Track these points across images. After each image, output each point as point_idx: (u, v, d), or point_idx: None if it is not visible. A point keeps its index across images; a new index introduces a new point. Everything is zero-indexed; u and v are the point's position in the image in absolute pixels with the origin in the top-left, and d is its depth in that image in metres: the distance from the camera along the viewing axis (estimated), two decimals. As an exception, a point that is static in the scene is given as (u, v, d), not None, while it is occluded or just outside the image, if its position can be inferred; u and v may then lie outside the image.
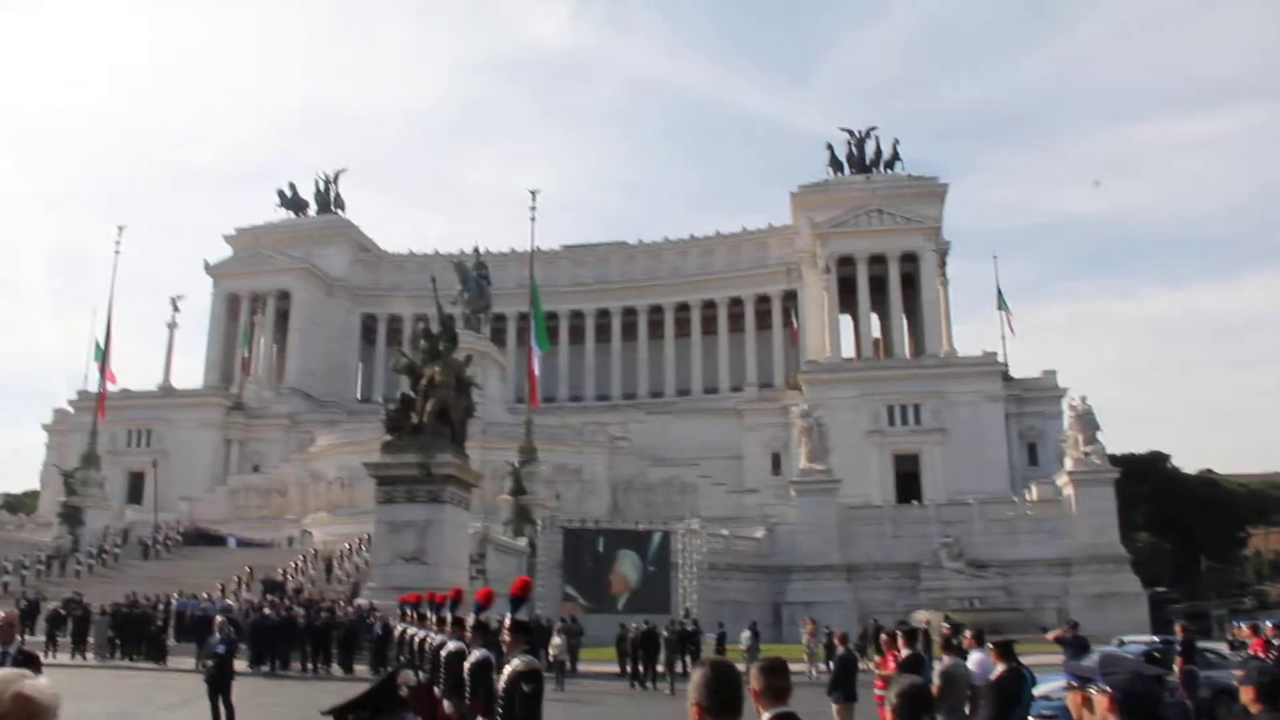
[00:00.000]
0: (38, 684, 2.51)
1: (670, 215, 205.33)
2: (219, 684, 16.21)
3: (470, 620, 13.05)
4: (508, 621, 9.39)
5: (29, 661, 9.70)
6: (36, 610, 34.62)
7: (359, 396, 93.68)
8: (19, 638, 11.59)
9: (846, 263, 79.77)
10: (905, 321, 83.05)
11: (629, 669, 29.10)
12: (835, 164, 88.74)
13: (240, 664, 18.52)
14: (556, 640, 27.46)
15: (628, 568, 43.23)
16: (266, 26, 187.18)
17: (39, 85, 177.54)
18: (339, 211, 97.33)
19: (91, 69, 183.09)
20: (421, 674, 13.87)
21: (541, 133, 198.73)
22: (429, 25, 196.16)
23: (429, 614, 19.47)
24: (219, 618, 19.40)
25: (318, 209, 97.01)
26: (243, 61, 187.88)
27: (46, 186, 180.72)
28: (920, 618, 38.85)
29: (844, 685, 14.70)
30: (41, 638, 31.96)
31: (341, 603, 33.21)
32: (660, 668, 28.22)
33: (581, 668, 30.06)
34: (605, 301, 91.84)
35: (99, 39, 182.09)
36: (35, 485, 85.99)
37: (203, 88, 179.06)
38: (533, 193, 56.06)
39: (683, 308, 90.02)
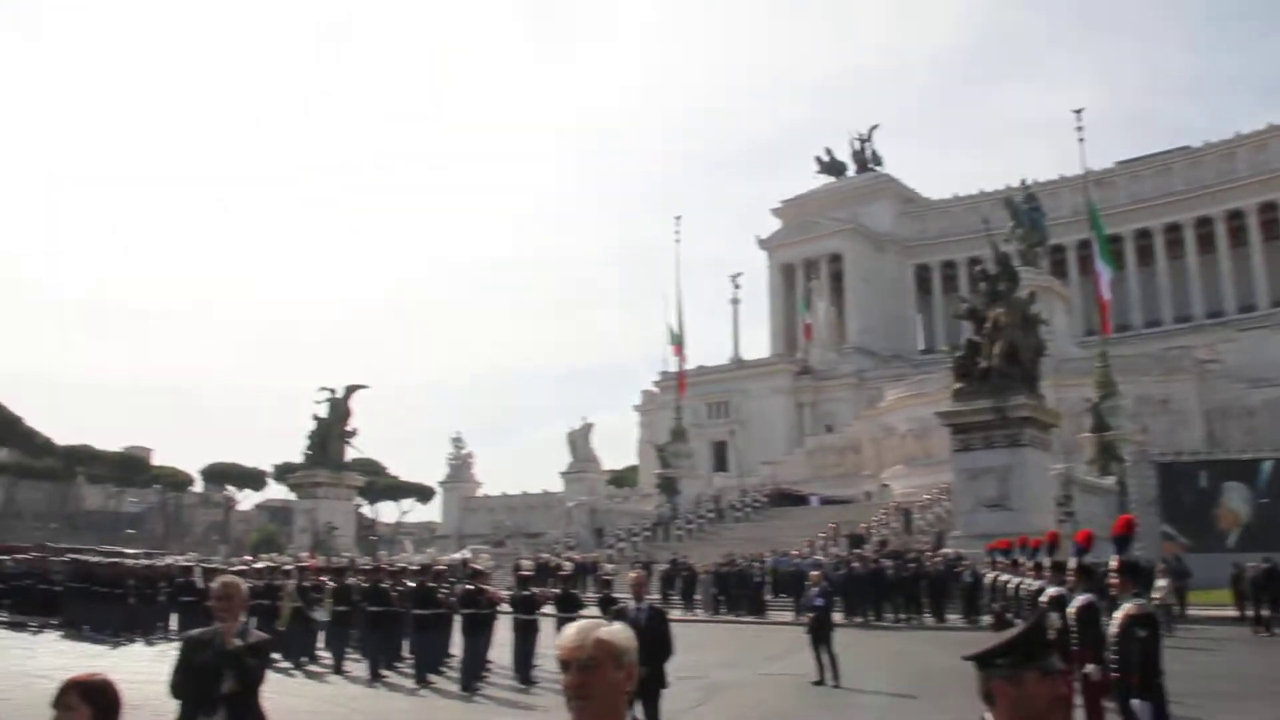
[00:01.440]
0: (614, 629, 2.70)
1: (1235, 111, 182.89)
2: (820, 635, 16.46)
3: (1071, 564, 12.10)
4: (1114, 563, 8.67)
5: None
6: (649, 572, 37.99)
7: (920, 348, 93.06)
8: (646, 596, 12.42)
9: None
10: None
11: (1248, 612, 26.02)
12: None
13: (836, 616, 18.75)
14: (1161, 583, 25.16)
15: (1235, 501, 38.85)
16: (777, 6, 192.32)
17: (577, 93, 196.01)
18: (877, 168, 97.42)
19: (623, 71, 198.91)
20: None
21: (1070, 49, 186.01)
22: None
23: (1021, 559, 18.64)
24: (813, 572, 19.79)
25: (856, 169, 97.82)
26: (760, 45, 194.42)
27: (603, 189, 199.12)
28: None
29: None
30: (657, 596, 34.92)
31: (927, 553, 32.91)
32: (1290, 610, 24.91)
33: (1191, 612, 27.35)
34: (1172, 214, 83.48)
35: (630, 43, 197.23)
36: (633, 461, 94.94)
37: (724, 75, 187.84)
38: (1076, 112, 52.33)
39: (1269, 208, 79.64)
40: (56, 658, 20.14)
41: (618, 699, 2.63)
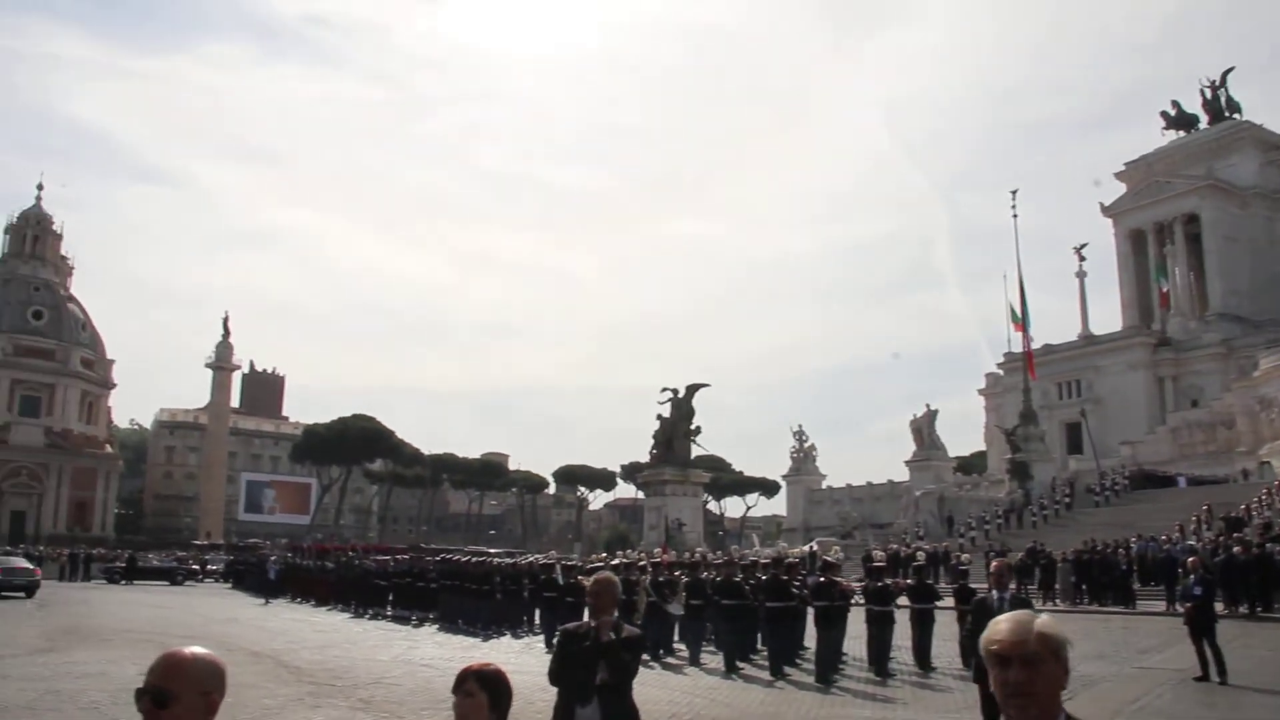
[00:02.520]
0: (1049, 620, 2.54)
1: None
2: (1201, 626, 15.33)
3: None
4: None
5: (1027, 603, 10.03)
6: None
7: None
8: (1011, 585, 12.11)
9: None
10: None
11: None
12: None
13: (1217, 606, 17.40)
14: None
15: None
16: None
17: (893, 74, 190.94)
18: (1234, 115, 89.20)
19: (939, 47, 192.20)
20: None
21: None
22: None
23: None
24: (1190, 559, 18.48)
25: (1209, 120, 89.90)
26: (1087, 4, 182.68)
27: (930, 166, 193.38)
28: None
29: None
30: (1013, 586, 33.68)
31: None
32: None
33: None
34: None
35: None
36: (980, 446, 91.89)
37: (1049, 39, 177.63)
38: None
39: None
40: (436, 648, 21.94)
41: (1057, 696, 2.47)
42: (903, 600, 18.34)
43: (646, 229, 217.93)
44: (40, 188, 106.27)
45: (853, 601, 18.15)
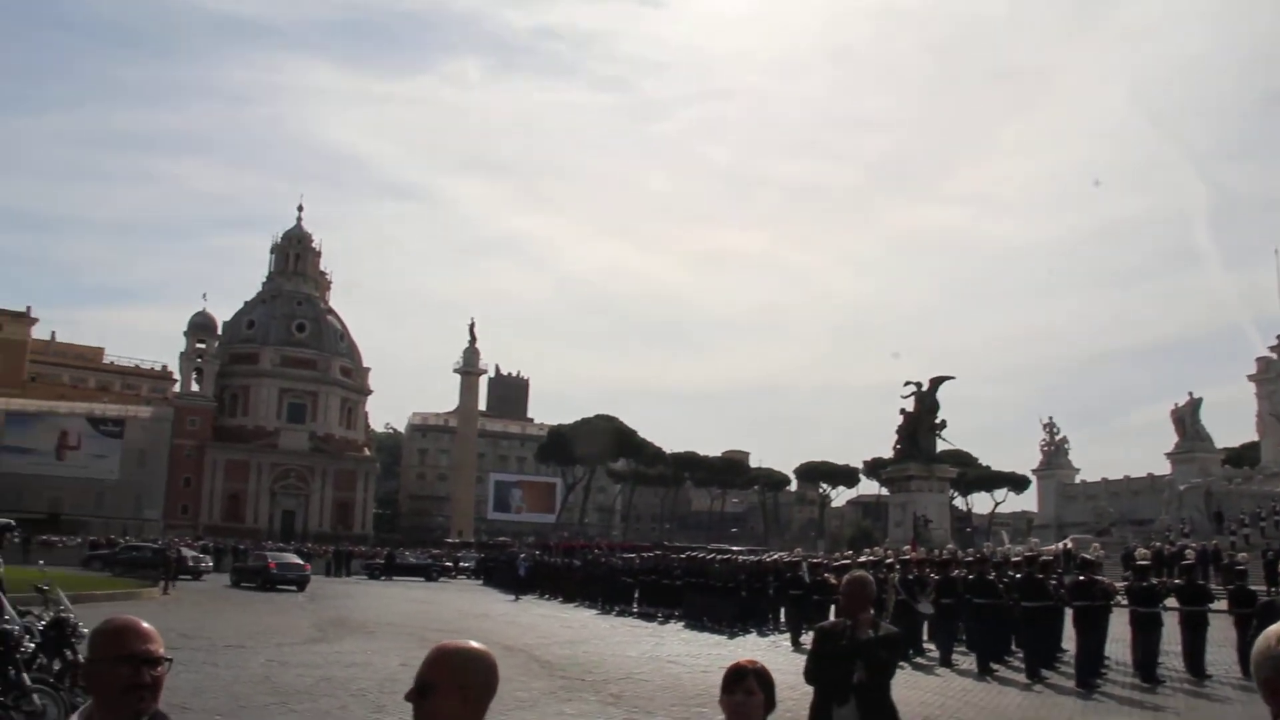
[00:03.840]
0: None
1: None
2: None
3: None
4: None
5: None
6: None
7: None
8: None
9: None
10: None
11: None
12: None
13: None
14: None
15: None
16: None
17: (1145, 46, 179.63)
18: None
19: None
20: None
21: None
22: None
23: None
24: None
25: None
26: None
27: (1186, 148, 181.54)
28: None
29: None
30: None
31: None
32: None
33: None
34: None
35: None
36: (1251, 436, 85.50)
37: None
38: None
39: None
40: (682, 645, 22.06)
41: None
42: (1169, 602, 17.21)
43: (883, 220, 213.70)
44: (300, 209, 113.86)
45: (1114, 602, 17.16)
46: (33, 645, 9.49)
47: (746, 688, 3.44)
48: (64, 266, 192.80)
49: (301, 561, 44.40)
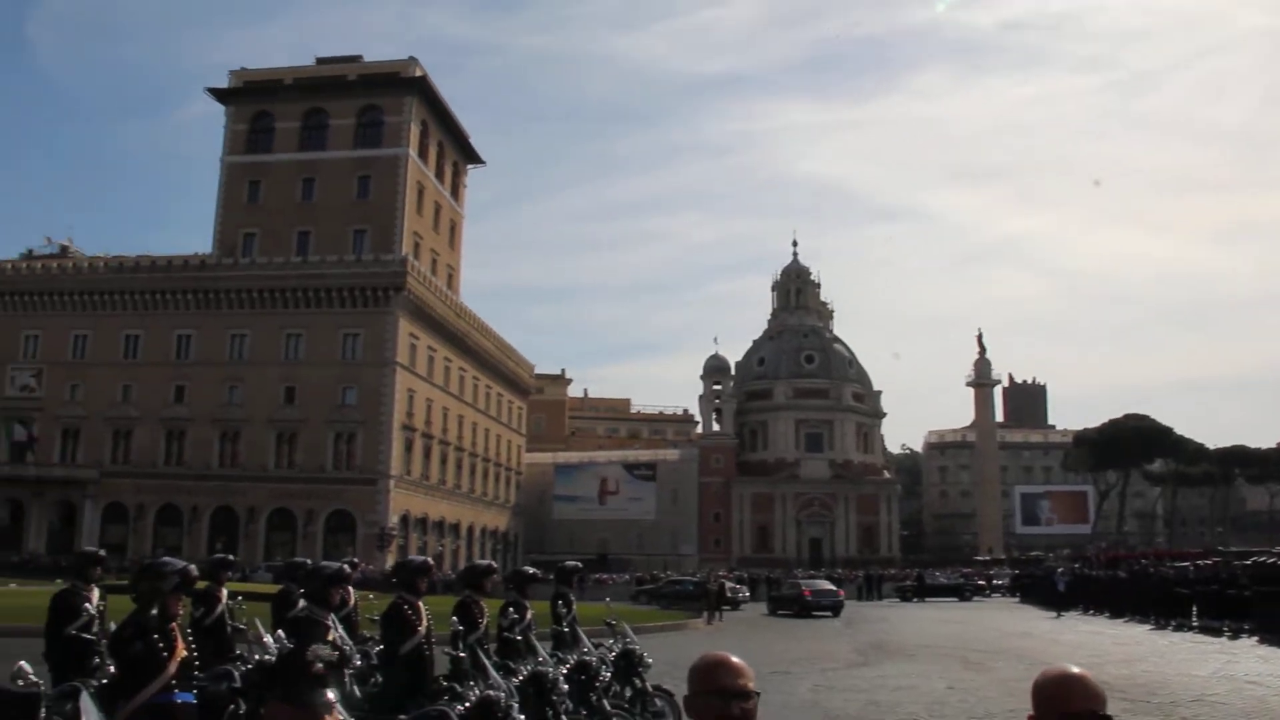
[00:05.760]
0: None
1: None
2: None
3: None
4: None
5: None
6: None
7: None
8: None
9: None
10: None
11: None
12: None
13: None
14: None
15: None
16: None
17: None
18: None
19: None
20: None
21: None
22: None
23: None
24: None
25: None
26: None
27: None
28: None
29: None
30: None
31: None
32: None
33: None
34: None
35: None
36: None
37: None
38: None
39: None
40: (1260, 664, 19.95)
41: None
42: None
43: None
44: (795, 244, 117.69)
45: None
46: (608, 675, 10.43)
47: None
48: (589, 329, 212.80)
49: (835, 587, 45.28)
